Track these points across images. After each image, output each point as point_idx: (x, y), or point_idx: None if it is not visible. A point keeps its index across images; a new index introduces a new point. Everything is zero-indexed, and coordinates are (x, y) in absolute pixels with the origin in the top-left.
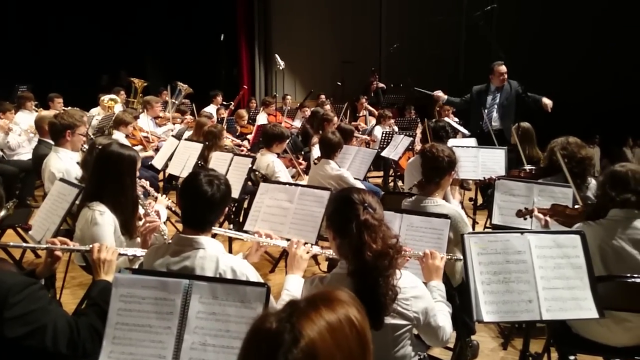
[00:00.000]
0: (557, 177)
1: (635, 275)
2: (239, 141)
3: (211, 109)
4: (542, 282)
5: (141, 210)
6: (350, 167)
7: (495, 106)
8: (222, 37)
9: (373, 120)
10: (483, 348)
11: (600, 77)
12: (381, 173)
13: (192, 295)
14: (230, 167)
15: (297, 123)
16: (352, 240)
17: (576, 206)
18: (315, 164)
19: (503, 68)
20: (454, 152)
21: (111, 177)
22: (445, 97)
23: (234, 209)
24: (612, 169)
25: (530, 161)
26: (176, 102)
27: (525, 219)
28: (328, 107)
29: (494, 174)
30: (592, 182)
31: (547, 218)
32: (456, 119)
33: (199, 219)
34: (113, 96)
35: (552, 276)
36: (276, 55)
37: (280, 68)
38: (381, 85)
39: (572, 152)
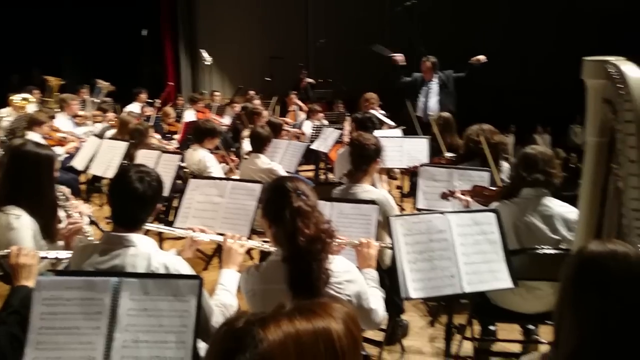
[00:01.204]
0: (474, 162)
1: (545, 247)
2: (166, 142)
3: (135, 107)
4: (463, 258)
5: (63, 213)
6: (281, 160)
7: (432, 97)
8: (144, 33)
9: (303, 115)
10: (413, 326)
11: (512, 69)
12: (312, 166)
13: (121, 293)
14: (158, 165)
15: (227, 120)
16: (286, 226)
17: (493, 187)
18: (246, 158)
19: (426, 64)
20: (380, 141)
21: (27, 178)
22: (404, 63)
23: (163, 208)
24: (523, 151)
25: (451, 149)
26: (97, 100)
27: (448, 199)
28: (258, 102)
29: (418, 162)
30: (505, 165)
31: (468, 198)
32: (382, 111)
33: (129, 217)
34: (26, 95)
35: (471, 252)
36: (202, 51)
37: (207, 63)
38: (310, 80)
39: (488, 138)
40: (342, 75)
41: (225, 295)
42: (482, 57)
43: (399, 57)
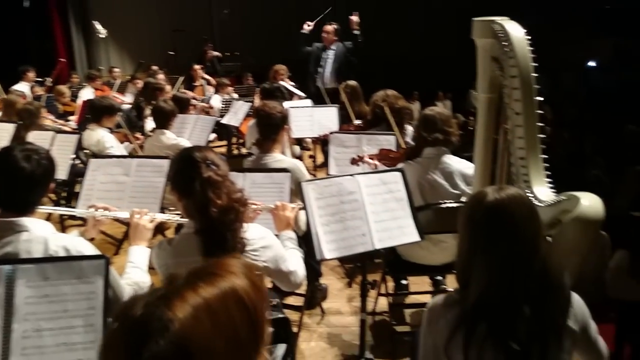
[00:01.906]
0: (381, 127)
1: (446, 201)
2: (62, 122)
3: (23, 86)
4: (373, 217)
5: None
6: (190, 136)
7: (328, 66)
8: (26, 4)
9: (211, 89)
10: (331, 289)
11: (414, 37)
12: (225, 142)
13: (17, 281)
14: (54, 146)
15: (129, 97)
16: (196, 198)
17: (399, 150)
18: (150, 136)
19: (328, 27)
20: (285, 109)
21: None
22: (308, 33)
23: (65, 194)
24: (422, 113)
25: (359, 116)
26: None
27: (358, 164)
28: (161, 77)
29: (329, 130)
30: (410, 129)
31: (377, 162)
32: (292, 83)
33: (18, 200)
34: None
35: (380, 210)
36: (95, 23)
37: (102, 36)
38: (216, 53)
39: (392, 103)
40: (249, 47)
41: (136, 273)
42: (354, 18)
43: (307, 26)
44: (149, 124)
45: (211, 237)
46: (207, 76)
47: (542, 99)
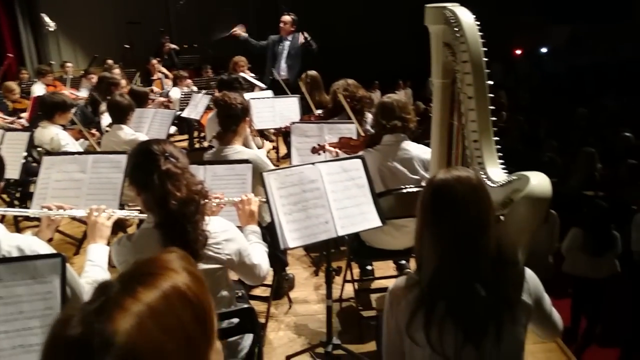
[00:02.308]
0: (342, 116)
1: (407, 186)
2: (12, 119)
3: None
4: (335, 204)
5: None
6: (149, 130)
7: (284, 56)
8: None
9: (169, 83)
10: (298, 279)
11: (373, 27)
12: (186, 136)
13: None
14: (3, 144)
15: (84, 92)
16: (155, 191)
17: (358, 138)
18: (107, 131)
19: (285, 18)
20: (246, 100)
21: None
22: (245, 34)
23: (18, 195)
24: (380, 101)
25: (320, 106)
26: None
27: (319, 154)
28: (117, 71)
29: (290, 121)
30: (370, 116)
31: (338, 150)
32: (252, 74)
33: None
34: None
35: (342, 197)
36: (43, 15)
37: (50, 29)
38: (173, 46)
39: (352, 92)
40: (208, 39)
41: (96, 271)
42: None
43: (238, 29)
44: (106, 119)
45: (172, 230)
46: (164, 69)
47: (492, 82)
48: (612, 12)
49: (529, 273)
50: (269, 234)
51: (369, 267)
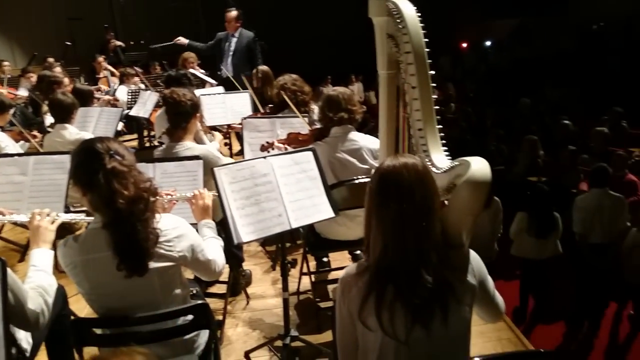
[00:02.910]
0: (289, 111)
1: (358, 177)
2: None
3: None
4: (288, 197)
5: None
6: (95, 129)
7: (230, 53)
8: None
9: (116, 81)
10: (255, 274)
11: (323, 22)
12: (136, 135)
13: None
14: None
15: (23, 92)
16: (101, 191)
17: (306, 132)
18: (50, 131)
19: (230, 15)
20: (196, 95)
21: None
22: (187, 41)
23: None
24: (326, 94)
25: (272, 102)
26: None
27: (269, 151)
28: (58, 69)
29: (242, 116)
30: (316, 109)
31: (287, 146)
32: (202, 70)
33: None
34: None
35: (294, 190)
36: None
37: None
38: (119, 43)
39: (299, 86)
40: (155, 35)
41: (40, 276)
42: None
43: (181, 40)
44: (49, 119)
45: (121, 229)
46: (110, 67)
47: (433, 72)
48: (550, 6)
49: (473, 255)
50: (223, 229)
51: (325, 259)
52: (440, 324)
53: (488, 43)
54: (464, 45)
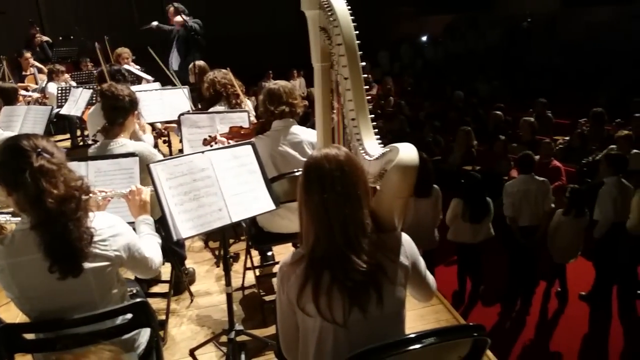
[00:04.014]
0: (221, 104)
1: (299, 170)
2: None
3: None
4: (227, 191)
5: None
6: (22, 129)
7: (174, 48)
8: None
9: (44, 78)
10: (200, 272)
11: (262, 17)
12: (68, 135)
13: None
14: None
15: None
16: (28, 190)
17: (248, 125)
18: None
19: (169, 11)
20: (134, 92)
21: None
22: (155, 22)
23: None
24: (267, 87)
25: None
26: None
27: (211, 145)
28: None
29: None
30: (249, 102)
31: (229, 140)
32: (137, 66)
33: None
34: None
35: (234, 184)
36: None
37: None
38: (46, 38)
39: (231, 80)
40: (85, 29)
41: None
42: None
43: (154, 23)
44: None
45: (51, 230)
46: (37, 63)
47: (364, 64)
48: (479, 2)
49: (405, 238)
50: (163, 228)
51: (269, 253)
52: (376, 305)
53: (424, 38)
54: (402, 40)
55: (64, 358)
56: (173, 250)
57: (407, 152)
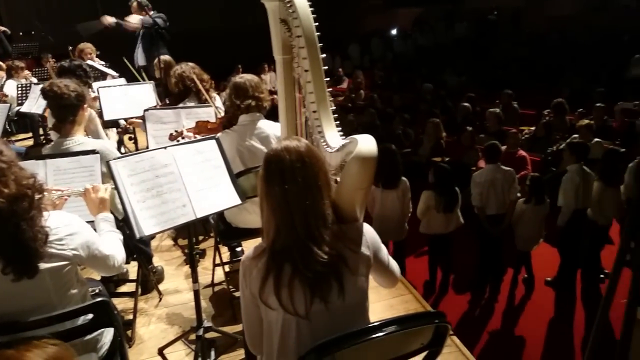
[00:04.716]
0: (190, 99)
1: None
2: None
3: None
4: (191, 187)
5: None
6: None
7: (138, 43)
8: None
9: (2, 75)
10: (169, 270)
11: (232, 11)
12: (30, 133)
13: None
14: None
15: None
16: None
17: (214, 120)
18: None
19: (132, 6)
20: (80, 85)
21: None
22: (113, 19)
23: None
24: (233, 81)
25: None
26: None
27: (178, 140)
28: None
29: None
30: (217, 96)
31: (196, 135)
32: (102, 62)
33: None
34: None
35: (198, 179)
36: None
37: None
38: (3, 28)
39: (198, 74)
40: (46, 24)
41: None
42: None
43: (108, 20)
44: None
45: (2, 230)
46: None
47: (324, 55)
48: None
49: (366, 228)
50: (128, 227)
51: (238, 249)
52: (337, 296)
53: (394, 32)
54: (372, 34)
55: (6, 353)
56: (139, 248)
57: (366, 144)
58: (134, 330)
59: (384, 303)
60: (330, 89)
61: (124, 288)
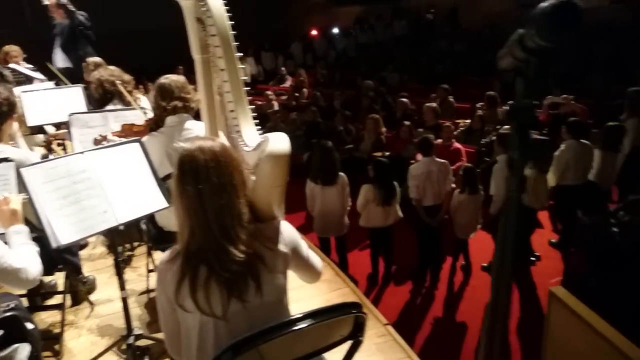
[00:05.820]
0: (114, 103)
1: None
2: None
3: None
4: (112, 192)
5: None
6: None
7: (57, 43)
8: None
9: None
10: (101, 279)
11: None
12: None
13: None
14: None
15: None
16: None
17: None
18: None
19: (52, 1)
20: (12, 93)
21: None
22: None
23: None
24: (158, 82)
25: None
26: None
27: (103, 144)
28: None
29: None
30: (143, 98)
31: (122, 139)
32: (30, 65)
33: None
34: None
35: (119, 184)
36: None
37: None
38: None
39: (118, 76)
40: None
41: None
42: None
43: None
44: None
45: None
46: None
47: (241, 54)
48: None
49: (284, 225)
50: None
51: None
52: (255, 294)
53: (335, 30)
54: (314, 32)
55: None
56: (64, 259)
57: (277, 142)
58: (61, 344)
59: (322, 298)
60: (269, 91)
61: (52, 301)
